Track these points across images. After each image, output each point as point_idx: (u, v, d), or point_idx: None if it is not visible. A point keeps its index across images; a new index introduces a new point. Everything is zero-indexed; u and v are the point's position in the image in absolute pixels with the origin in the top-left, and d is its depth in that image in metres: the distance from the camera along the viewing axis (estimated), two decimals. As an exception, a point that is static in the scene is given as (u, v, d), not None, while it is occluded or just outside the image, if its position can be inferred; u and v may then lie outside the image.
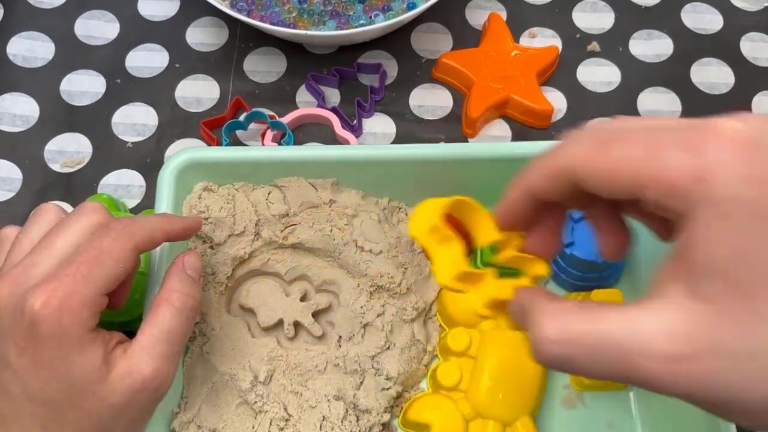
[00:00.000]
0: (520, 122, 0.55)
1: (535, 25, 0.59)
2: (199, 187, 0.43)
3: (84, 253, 0.31)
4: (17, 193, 0.52)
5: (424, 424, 0.41)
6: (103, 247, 0.32)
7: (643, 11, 0.60)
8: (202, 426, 0.39)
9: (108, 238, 0.32)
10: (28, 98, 0.55)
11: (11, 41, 0.57)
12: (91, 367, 0.31)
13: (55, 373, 0.30)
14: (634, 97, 0.56)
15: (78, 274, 0.31)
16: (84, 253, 0.31)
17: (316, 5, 0.57)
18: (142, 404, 0.32)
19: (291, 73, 0.56)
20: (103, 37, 0.58)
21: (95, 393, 0.31)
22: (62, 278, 0.30)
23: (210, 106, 0.55)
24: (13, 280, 0.32)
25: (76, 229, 0.33)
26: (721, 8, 0.60)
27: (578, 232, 0.43)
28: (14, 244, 0.34)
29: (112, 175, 0.52)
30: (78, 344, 0.31)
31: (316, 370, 0.41)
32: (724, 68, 0.57)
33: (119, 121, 0.54)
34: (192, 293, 0.34)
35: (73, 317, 0.30)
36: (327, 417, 0.40)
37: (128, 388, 0.31)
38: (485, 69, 0.55)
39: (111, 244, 0.32)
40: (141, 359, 0.32)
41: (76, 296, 0.30)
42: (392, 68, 0.57)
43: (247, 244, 0.43)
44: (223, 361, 0.41)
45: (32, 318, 0.30)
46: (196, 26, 0.58)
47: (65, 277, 0.31)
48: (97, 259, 0.31)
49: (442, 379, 0.42)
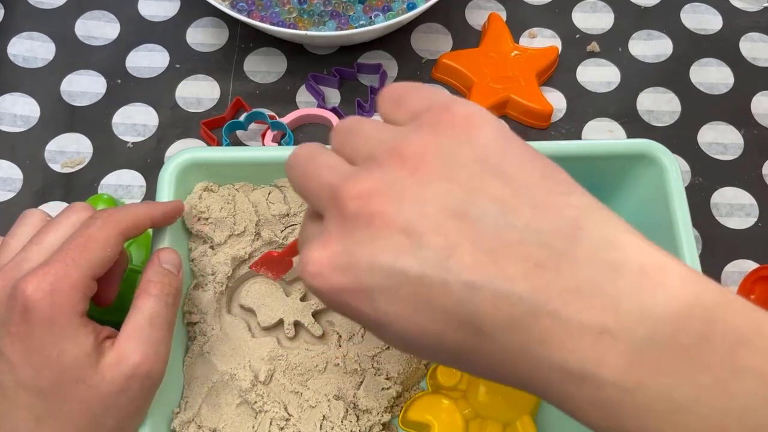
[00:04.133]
0: (520, 122, 0.55)
1: (534, 25, 0.59)
2: (199, 188, 0.43)
3: (72, 241, 0.33)
4: (17, 193, 0.52)
5: (424, 424, 0.41)
6: (90, 234, 0.33)
7: (643, 11, 0.60)
8: (202, 426, 0.39)
9: (94, 226, 0.34)
10: (28, 98, 0.55)
11: (12, 42, 0.57)
12: (82, 353, 0.32)
13: (47, 359, 0.31)
14: (633, 98, 0.56)
15: (68, 259, 0.32)
16: (72, 241, 0.33)
17: (317, 6, 0.57)
18: (134, 394, 0.33)
19: (291, 73, 0.56)
20: (104, 38, 0.58)
21: (86, 381, 0.32)
22: (52, 264, 0.32)
23: (210, 106, 0.55)
24: (4, 275, 0.33)
25: (66, 225, 0.34)
26: (720, 8, 0.60)
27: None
28: (2, 246, 0.35)
29: (113, 175, 0.52)
30: (69, 328, 0.31)
31: (316, 370, 0.41)
32: (724, 68, 0.57)
33: (119, 121, 0.54)
34: (169, 282, 0.35)
35: (63, 299, 0.31)
36: (327, 417, 0.40)
37: (119, 374, 0.32)
38: (485, 69, 0.55)
39: (97, 231, 0.33)
40: (128, 347, 0.33)
41: (67, 279, 0.31)
42: (392, 68, 0.57)
43: (248, 244, 0.43)
44: (223, 361, 0.41)
45: (24, 303, 0.31)
46: (197, 26, 0.58)
47: (55, 262, 0.32)
48: (85, 245, 0.33)
49: (442, 379, 0.42)
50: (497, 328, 0.23)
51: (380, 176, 0.25)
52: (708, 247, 0.51)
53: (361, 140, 0.27)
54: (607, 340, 0.22)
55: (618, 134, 0.55)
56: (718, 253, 0.51)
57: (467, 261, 0.23)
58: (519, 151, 0.25)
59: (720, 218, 0.52)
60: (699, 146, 0.54)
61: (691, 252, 0.40)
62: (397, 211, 0.24)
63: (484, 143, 0.25)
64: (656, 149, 0.43)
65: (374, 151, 0.26)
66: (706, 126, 0.55)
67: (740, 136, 0.55)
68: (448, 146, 0.25)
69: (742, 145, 0.54)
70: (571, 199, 0.24)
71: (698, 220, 0.50)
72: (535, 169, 0.25)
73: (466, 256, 0.23)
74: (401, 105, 0.28)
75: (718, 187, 0.53)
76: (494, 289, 0.23)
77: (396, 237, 0.24)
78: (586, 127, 0.55)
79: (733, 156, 0.54)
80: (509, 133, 0.26)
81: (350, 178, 0.25)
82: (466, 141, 0.25)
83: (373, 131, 0.27)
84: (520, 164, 0.25)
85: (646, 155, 0.43)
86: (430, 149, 0.25)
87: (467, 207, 0.23)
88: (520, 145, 0.25)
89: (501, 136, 0.25)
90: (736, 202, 0.52)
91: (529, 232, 0.23)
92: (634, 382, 0.22)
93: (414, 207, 0.24)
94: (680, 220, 0.41)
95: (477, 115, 0.25)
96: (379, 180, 0.24)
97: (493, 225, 0.23)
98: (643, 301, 0.22)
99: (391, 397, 0.41)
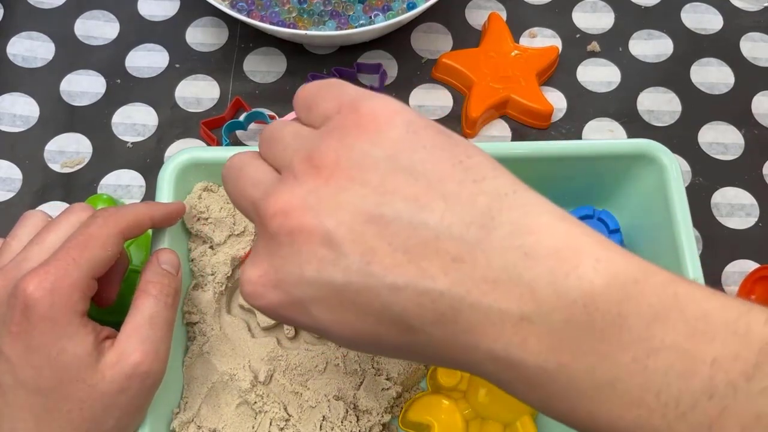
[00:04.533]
0: (520, 122, 0.55)
1: (535, 25, 0.59)
2: (199, 187, 0.43)
3: (73, 240, 0.33)
4: (17, 193, 0.52)
5: (424, 425, 0.41)
6: (90, 233, 0.33)
7: (643, 11, 0.60)
8: (202, 426, 0.39)
9: (94, 225, 0.34)
10: (28, 98, 0.55)
11: (11, 41, 0.57)
12: (82, 352, 0.32)
13: (47, 358, 0.31)
14: (634, 97, 0.56)
15: (69, 258, 0.32)
16: (73, 240, 0.33)
17: (316, 5, 0.57)
18: (134, 393, 0.33)
19: (291, 73, 0.56)
20: (103, 37, 0.58)
21: (86, 380, 0.32)
22: (53, 263, 0.32)
23: (210, 106, 0.55)
24: (5, 275, 0.33)
25: (66, 225, 0.35)
26: (721, 8, 0.60)
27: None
28: (3, 246, 0.36)
29: (112, 175, 0.52)
30: (69, 327, 0.31)
31: (316, 370, 0.41)
32: (724, 68, 0.57)
33: (119, 121, 0.54)
34: (168, 282, 0.35)
35: (63, 299, 0.31)
36: (327, 417, 0.40)
37: (119, 374, 0.32)
38: (485, 69, 0.55)
39: (98, 230, 0.33)
40: (128, 346, 0.33)
41: (67, 278, 0.32)
42: (392, 68, 0.57)
43: (248, 244, 0.43)
44: (223, 361, 0.41)
45: (25, 301, 0.31)
46: (196, 26, 0.58)
47: (56, 261, 0.32)
48: (86, 244, 0.33)
49: (442, 379, 0.42)
50: (426, 324, 0.24)
51: (296, 189, 0.25)
52: (708, 248, 0.51)
53: (280, 148, 0.27)
54: (526, 326, 0.23)
55: (618, 134, 0.55)
56: (718, 254, 0.50)
57: (387, 263, 0.23)
58: (429, 142, 0.25)
59: (720, 218, 0.52)
60: (699, 146, 0.54)
61: (691, 252, 0.40)
62: (315, 223, 0.24)
63: (394, 139, 0.25)
64: (656, 149, 0.43)
65: (291, 161, 0.26)
66: (706, 126, 0.55)
67: (741, 136, 0.55)
68: (358, 148, 0.25)
69: (743, 145, 0.54)
70: (483, 186, 0.24)
71: (699, 220, 0.50)
72: (445, 159, 0.25)
73: (386, 259, 0.23)
74: (312, 108, 0.28)
75: (719, 187, 0.53)
76: (416, 287, 0.23)
77: (317, 249, 0.24)
78: (586, 127, 0.55)
79: (734, 156, 0.54)
80: (420, 122, 0.26)
81: (269, 194, 0.26)
82: (376, 140, 0.25)
83: (290, 138, 0.27)
84: (430, 156, 0.25)
85: (647, 155, 0.43)
86: (342, 154, 0.25)
87: (382, 209, 0.24)
88: (431, 135, 0.25)
89: (410, 129, 0.25)
90: (736, 202, 0.52)
91: (442, 227, 0.23)
92: (556, 364, 0.23)
93: (331, 216, 0.24)
94: (681, 220, 0.41)
95: (384, 111, 0.25)
96: (295, 194, 0.25)
97: (407, 224, 0.24)
98: (558, 285, 0.23)
99: (391, 397, 0.41)
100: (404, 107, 0.26)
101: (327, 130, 0.26)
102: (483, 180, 0.24)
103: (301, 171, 0.25)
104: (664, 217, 0.42)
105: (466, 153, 0.25)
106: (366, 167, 0.24)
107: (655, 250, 0.43)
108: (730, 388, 0.21)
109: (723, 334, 0.22)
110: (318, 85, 0.28)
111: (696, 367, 0.22)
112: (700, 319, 0.22)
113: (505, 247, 0.23)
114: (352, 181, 0.24)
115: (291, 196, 0.25)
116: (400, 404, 0.42)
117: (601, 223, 0.45)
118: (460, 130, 0.54)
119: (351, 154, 0.25)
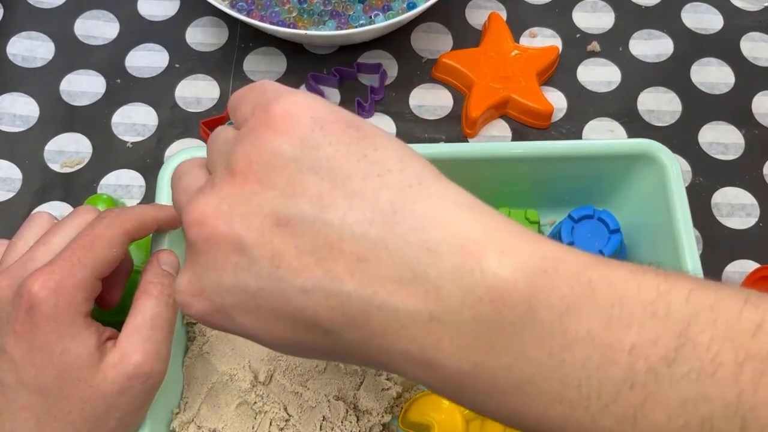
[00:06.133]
0: (520, 122, 0.55)
1: (535, 25, 0.59)
2: (198, 187, 0.43)
3: (78, 240, 0.33)
4: (17, 193, 0.52)
5: (424, 425, 0.41)
6: (96, 234, 0.33)
7: (643, 11, 0.60)
8: (202, 426, 0.39)
9: (100, 226, 0.34)
10: (27, 98, 0.55)
11: (11, 41, 0.57)
12: (84, 352, 0.32)
13: (49, 358, 0.31)
14: (634, 97, 0.56)
15: (74, 258, 0.32)
16: (78, 240, 0.33)
17: (316, 5, 0.57)
18: (135, 394, 0.33)
19: (291, 73, 0.56)
20: (103, 37, 0.58)
21: (87, 380, 0.32)
22: (58, 263, 0.32)
23: (210, 106, 0.55)
24: (10, 274, 0.33)
25: (72, 227, 0.35)
26: (721, 8, 0.60)
27: (578, 232, 0.43)
28: (9, 247, 0.36)
29: (112, 175, 0.52)
30: (72, 327, 0.32)
31: (316, 371, 0.41)
32: (725, 68, 0.57)
33: (119, 121, 0.54)
34: (168, 282, 0.35)
35: (67, 299, 0.31)
36: (327, 417, 0.40)
37: (120, 374, 0.32)
38: (485, 69, 0.55)
39: (103, 230, 0.34)
40: (130, 346, 0.33)
41: (71, 278, 0.32)
42: (392, 68, 0.57)
43: (247, 244, 0.43)
44: (223, 362, 0.41)
45: (30, 300, 0.31)
46: (196, 26, 0.58)
47: (61, 261, 0.32)
48: (91, 244, 0.33)
49: (442, 379, 0.42)
50: (339, 328, 0.23)
51: (211, 198, 0.25)
52: (709, 248, 0.51)
53: (213, 153, 0.27)
54: (436, 326, 0.22)
55: (618, 134, 0.55)
56: (718, 254, 0.50)
57: (295, 267, 0.23)
58: (335, 137, 0.24)
59: (721, 218, 0.52)
60: (700, 146, 0.54)
61: (691, 252, 0.40)
62: (228, 230, 0.24)
63: (301, 137, 0.24)
64: (657, 149, 0.43)
65: (216, 168, 0.26)
66: (706, 126, 0.55)
67: (741, 136, 0.54)
68: (268, 150, 0.24)
69: (743, 145, 0.54)
70: (386, 179, 0.23)
71: (699, 220, 0.50)
72: (351, 154, 0.24)
73: (293, 262, 0.23)
74: (235, 112, 0.27)
75: (719, 187, 0.53)
76: (324, 290, 0.23)
77: (231, 256, 0.24)
78: (586, 127, 0.55)
79: (734, 156, 0.54)
80: (329, 117, 0.25)
81: (190, 203, 0.25)
82: (285, 140, 0.24)
83: (220, 144, 0.27)
84: (335, 153, 0.24)
85: (647, 155, 0.43)
86: (254, 158, 0.24)
87: (289, 211, 0.23)
88: (339, 130, 0.24)
89: (317, 125, 0.24)
90: (737, 202, 0.52)
91: (345, 226, 0.23)
92: (472, 364, 0.22)
93: (242, 222, 0.24)
94: (681, 220, 0.41)
95: (293, 108, 0.25)
96: (210, 202, 0.25)
97: (312, 225, 0.23)
98: (463, 282, 0.22)
99: (391, 397, 0.41)
100: (315, 102, 0.25)
101: (242, 134, 0.25)
102: (387, 173, 0.23)
103: (220, 178, 0.25)
104: (665, 217, 0.42)
105: (372, 146, 0.24)
106: (275, 169, 0.24)
107: (655, 250, 0.43)
108: (651, 374, 0.20)
109: (640, 319, 0.21)
110: (244, 88, 0.28)
111: (614, 356, 0.20)
112: (616, 305, 0.21)
113: (408, 242, 0.22)
114: (262, 185, 0.24)
115: (207, 205, 0.25)
116: (400, 404, 0.42)
117: (601, 223, 0.45)
118: (461, 129, 0.54)
119: (262, 157, 0.24)
